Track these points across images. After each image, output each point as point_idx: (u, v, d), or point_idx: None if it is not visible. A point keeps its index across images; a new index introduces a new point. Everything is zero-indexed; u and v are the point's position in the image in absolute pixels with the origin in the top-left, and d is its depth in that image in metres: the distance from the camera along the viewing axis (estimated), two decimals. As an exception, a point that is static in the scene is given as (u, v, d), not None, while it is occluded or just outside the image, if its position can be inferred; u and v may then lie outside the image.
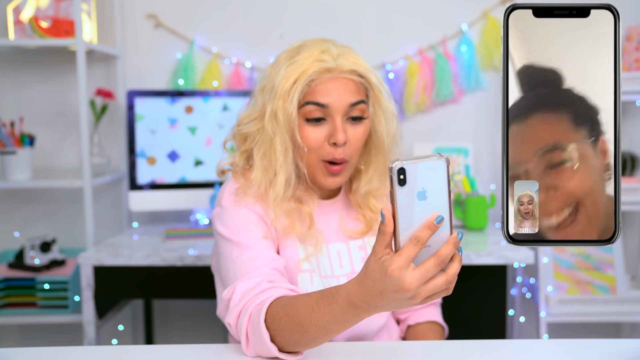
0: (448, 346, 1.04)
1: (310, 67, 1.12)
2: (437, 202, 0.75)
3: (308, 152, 1.15)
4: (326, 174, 1.16)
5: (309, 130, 1.14)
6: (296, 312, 0.91)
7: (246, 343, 0.98)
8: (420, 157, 0.74)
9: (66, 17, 2.05)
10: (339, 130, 1.13)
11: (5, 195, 2.32)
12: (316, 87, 1.13)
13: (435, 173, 0.74)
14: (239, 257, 1.10)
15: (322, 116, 1.14)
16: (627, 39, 2.12)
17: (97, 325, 1.86)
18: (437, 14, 2.27)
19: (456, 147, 2.22)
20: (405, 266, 0.76)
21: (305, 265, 1.18)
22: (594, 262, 2.08)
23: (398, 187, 0.75)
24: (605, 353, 0.99)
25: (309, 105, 1.13)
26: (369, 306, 0.82)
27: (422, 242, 0.75)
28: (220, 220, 1.17)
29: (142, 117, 2.07)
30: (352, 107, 1.15)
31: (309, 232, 1.18)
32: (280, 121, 1.13)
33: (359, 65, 1.16)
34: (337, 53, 1.15)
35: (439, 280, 0.77)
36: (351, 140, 1.16)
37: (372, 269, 0.79)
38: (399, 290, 0.77)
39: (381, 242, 0.78)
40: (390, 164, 0.75)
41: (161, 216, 2.33)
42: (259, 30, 2.28)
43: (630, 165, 2.18)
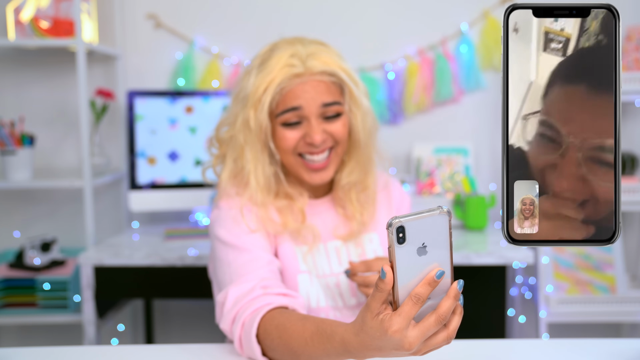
0: (448, 346, 1.04)
1: (278, 74, 1.12)
2: (438, 255, 0.72)
3: (285, 154, 1.17)
4: (309, 171, 1.17)
5: (285, 133, 1.16)
6: (289, 338, 0.91)
7: (240, 348, 1.00)
8: (421, 212, 0.70)
9: (66, 17, 2.06)
10: (314, 131, 1.14)
11: (5, 195, 2.32)
12: (287, 93, 1.14)
13: (436, 227, 0.71)
14: (235, 260, 1.10)
15: (298, 120, 1.15)
16: (627, 39, 2.13)
17: (97, 325, 1.86)
18: (436, 14, 2.27)
19: (456, 147, 2.22)
20: (406, 327, 0.73)
21: (303, 267, 1.18)
22: (594, 262, 2.08)
23: (397, 246, 0.71)
24: (605, 353, 0.99)
25: (285, 113, 1.14)
26: (364, 356, 0.80)
27: (423, 300, 0.72)
28: (217, 222, 1.17)
29: (142, 117, 2.07)
30: (325, 107, 1.15)
31: (303, 226, 1.19)
32: (252, 130, 1.14)
33: (329, 64, 1.15)
34: (306, 54, 1.14)
35: (440, 337, 0.75)
36: (332, 134, 1.17)
37: (370, 327, 0.76)
38: (399, 348, 0.74)
39: (378, 299, 0.74)
40: (389, 221, 0.71)
41: (161, 216, 2.33)
42: (259, 31, 2.28)
43: (630, 165, 2.18)
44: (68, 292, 1.96)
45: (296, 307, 1.03)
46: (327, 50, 1.17)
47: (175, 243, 1.93)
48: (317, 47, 1.16)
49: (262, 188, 1.16)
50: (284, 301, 1.02)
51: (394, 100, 2.27)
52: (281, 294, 1.04)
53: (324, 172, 1.18)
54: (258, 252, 1.11)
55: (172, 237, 1.99)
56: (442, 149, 2.21)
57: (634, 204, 2.06)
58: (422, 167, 2.19)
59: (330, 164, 1.18)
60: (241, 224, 1.15)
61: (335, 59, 1.17)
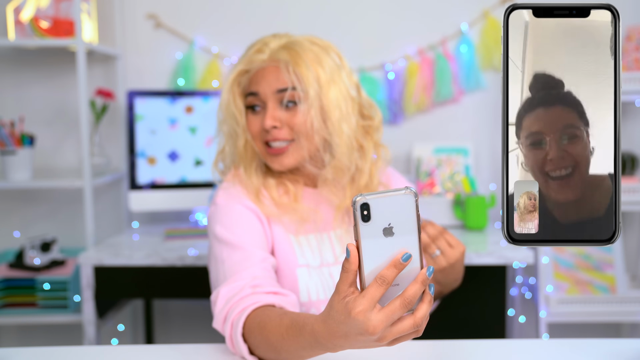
0: (448, 346, 1.04)
1: (246, 58, 1.20)
2: (405, 238, 0.70)
3: (254, 140, 1.21)
4: (271, 156, 1.20)
5: (251, 119, 1.21)
6: (268, 334, 0.91)
7: (232, 347, 1.01)
8: (386, 191, 0.69)
9: (66, 17, 2.06)
10: (267, 116, 1.18)
11: (5, 195, 2.32)
12: (251, 77, 1.20)
13: (402, 208, 0.69)
14: (228, 257, 1.11)
15: (258, 104, 1.20)
16: (627, 39, 2.12)
17: (97, 325, 1.86)
18: (436, 14, 2.27)
19: (456, 147, 2.22)
20: (370, 308, 0.71)
21: (301, 260, 1.19)
22: (594, 262, 2.08)
23: (362, 224, 0.69)
24: (605, 353, 0.99)
25: (247, 97, 1.20)
26: (334, 345, 0.79)
27: (388, 282, 0.70)
28: (213, 218, 1.19)
29: (142, 117, 2.07)
30: (280, 92, 1.17)
31: (300, 207, 1.20)
32: (224, 110, 1.21)
33: (293, 58, 1.15)
34: (278, 46, 1.18)
35: (406, 323, 0.73)
36: (289, 124, 1.18)
37: (336, 310, 0.74)
38: (363, 333, 0.72)
39: (345, 281, 0.73)
40: (354, 199, 0.69)
41: (161, 216, 2.33)
42: (259, 31, 2.26)
43: (630, 165, 2.18)
44: (68, 292, 1.96)
45: (285, 305, 1.03)
46: (305, 46, 1.17)
47: (175, 243, 1.94)
48: (294, 42, 1.18)
49: (253, 170, 1.22)
50: (273, 299, 1.02)
51: (394, 100, 2.27)
52: (271, 292, 1.04)
53: (284, 157, 1.19)
54: (252, 250, 1.12)
55: (172, 237, 1.99)
56: (442, 149, 2.22)
57: (634, 204, 2.06)
58: (422, 167, 2.19)
59: (290, 152, 1.19)
60: (236, 217, 1.17)
61: (306, 55, 1.16)
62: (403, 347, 1.04)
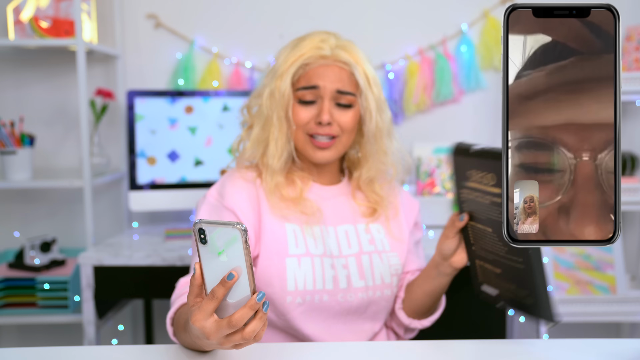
0: (448, 346, 1.04)
1: (307, 52, 1.23)
2: (236, 264, 0.79)
3: (297, 129, 1.24)
4: (315, 148, 1.24)
5: (300, 109, 1.24)
6: (177, 325, 1.01)
7: None
8: (220, 222, 0.78)
9: (66, 17, 2.06)
10: (324, 111, 1.22)
11: (5, 195, 2.32)
12: (310, 71, 1.23)
13: (232, 239, 0.78)
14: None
15: (313, 99, 1.23)
16: (627, 39, 2.12)
17: (97, 325, 1.86)
18: (437, 14, 2.27)
19: (456, 147, 2.22)
20: (204, 318, 0.81)
21: (293, 250, 1.20)
22: (594, 262, 2.08)
23: (200, 245, 0.79)
24: (605, 353, 0.99)
25: (302, 90, 1.23)
26: (202, 344, 0.87)
27: (218, 297, 0.79)
28: (198, 210, 1.26)
29: (142, 117, 2.07)
30: (340, 94, 1.23)
31: (301, 198, 1.24)
32: (276, 99, 1.23)
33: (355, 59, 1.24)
34: (336, 44, 1.24)
35: (236, 337, 0.82)
36: (339, 122, 1.24)
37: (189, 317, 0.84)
38: (203, 338, 0.83)
39: (191, 293, 0.84)
40: (195, 221, 0.79)
41: (161, 216, 2.33)
42: (259, 30, 2.28)
43: (630, 165, 2.18)
44: (68, 292, 1.96)
45: None
46: (355, 50, 1.26)
47: (175, 243, 1.93)
48: (348, 43, 1.26)
49: (279, 155, 1.24)
50: None
51: (394, 100, 2.27)
52: None
53: (328, 151, 1.25)
54: None
55: (172, 237, 1.99)
56: (443, 149, 2.21)
57: (634, 204, 2.06)
58: (422, 167, 2.19)
59: (333, 146, 1.25)
60: (218, 212, 1.22)
61: (361, 59, 1.25)
62: (403, 347, 1.04)
